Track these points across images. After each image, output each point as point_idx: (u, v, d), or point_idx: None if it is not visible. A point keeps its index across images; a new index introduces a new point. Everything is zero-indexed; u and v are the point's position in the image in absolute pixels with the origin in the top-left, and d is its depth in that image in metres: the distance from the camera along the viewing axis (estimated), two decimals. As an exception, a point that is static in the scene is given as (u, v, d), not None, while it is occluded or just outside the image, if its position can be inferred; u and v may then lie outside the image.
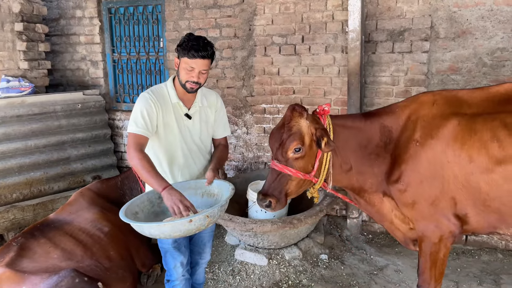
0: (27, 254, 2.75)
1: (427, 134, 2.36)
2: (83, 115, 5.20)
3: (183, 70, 2.49)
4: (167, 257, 2.66)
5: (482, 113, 2.30)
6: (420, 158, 2.36)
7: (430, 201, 2.37)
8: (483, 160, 2.21)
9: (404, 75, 4.14)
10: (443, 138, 2.31)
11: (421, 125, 2.40)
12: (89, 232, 3.09)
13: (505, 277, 3.51)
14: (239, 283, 3.53)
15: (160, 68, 5.44)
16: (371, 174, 2.56)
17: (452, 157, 2.28)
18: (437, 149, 2.32)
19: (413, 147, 2.39)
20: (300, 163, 2.41)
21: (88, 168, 5.19)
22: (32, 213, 4.45)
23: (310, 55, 4.48)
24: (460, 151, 2.26)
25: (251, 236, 3.71)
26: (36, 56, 5.32)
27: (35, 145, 4.69)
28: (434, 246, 2.42)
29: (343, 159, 2.55)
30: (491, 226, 2.35)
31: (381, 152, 2.53)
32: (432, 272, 2.46)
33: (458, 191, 2.30)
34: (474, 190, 2.26)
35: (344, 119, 2.65)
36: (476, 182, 2.24)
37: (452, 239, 2.41)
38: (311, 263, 3.78)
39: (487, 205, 2.27)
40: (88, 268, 2.81)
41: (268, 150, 4.89)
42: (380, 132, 2.55)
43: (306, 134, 2.40)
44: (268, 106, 4.81)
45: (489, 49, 3.82)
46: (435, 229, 2.40)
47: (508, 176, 2.16)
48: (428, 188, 2.36)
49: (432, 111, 2.40)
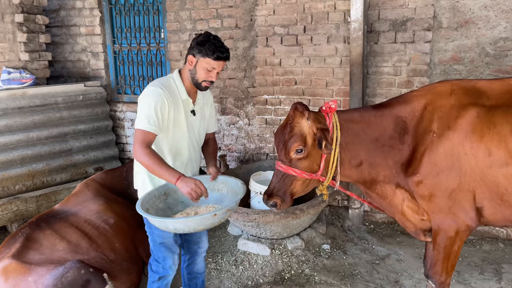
0: (33, 246, 2.76)
1: (445, 125, 2.29)
2: (84, 106, 5.20)
3: (202, 70, 2.47)
4: (165, 252, 2.61)
5: (501, 105, 2.22)
6: (437, 150, 2.30)
7: (447, 194, 2.32)
8: (502, 154, 2.16)
9: (406, 65, 4.13)
10: (461, 129, 2.24)
11: (439, 116, 2.33)
12: (95, 224, 3.10)
13: (506, 266, 3.54)
14: (242, 273, 3.56)
15: (161, 59, 5.42)
16: (384, 166, 2.51)
17: (470, 150, 2.22)
18: (455, 140, 2.25)
19: (430, 138, 2.33)
20: (304, 164, 2.40)
21: (90, 159, 5.20)
22: (35, 204, 4.47)
23: (312, 45, 4.46)
24: (479, 143, 2.20)
25: (254, 226, 3.73)
26: (37, 48, 5.30)
27: (37, 136, 4.70)
28: (450, 239, 2.39)
29: (352, 155, 2.51)
30: (507, 220, 2.31)
31: (395, 143, 2.47)
32: (445, 264, 2.45)
33: (475, 184, 2.25)
34: (492, 184, 2.21)
35: (352, 114, 2.59)
36: (494, 176, 2.19)
37: (468, 233, 2.38)
38: (313, 253, 3.80)
39: (505, 200, 2.22)
40: (94, 261, 2.83)
41: (270, 141, 4.90)
42: (394, 123, 2.48)
43: (308, 135, 2.38)
44: (270, 97, 4.80)
45: (492, 39, 3.80)
46: (452, 222, 2.36)
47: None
48: (445, 181, 2.30)
49: (450, 102, 2.33)
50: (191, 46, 2.50)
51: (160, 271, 2.64)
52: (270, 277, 3.48)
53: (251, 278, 3.48)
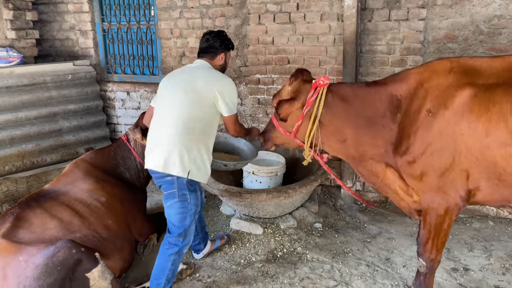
0: (24, 225, 2.74)
1: (441, 104, 2.26)
2: (73, 86, 5.11)
3: (229, 60, 3.10)
4: (193, 226, 2.88)
5: (502, 83, 2.16)
6: (432, 129, 2.28)
7: (440, 173, 2.31)
8: (501, 134, 2.09)
9: (400, 44, 4.09)
10: (458, 109, 2.20)
11: (435, 94, 2.30)
12: (86, 202, 3.08)
13: (495, 243, 3.59)
14: (235, 252, 3.58)
15: (151, 37, 5.32)
16: (373, 145, 2.53)
17: (467, 130, 2.18)
18: (451, 120, 2.22)
19: (425, 117, 2.30)
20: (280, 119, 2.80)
21: (80, 140, 5.14)
22: (26, 185, 4.43)
23: (305, 23, 4.39)
24: (476, 123, 2.15)
25: (247, 206, 3.73)
26: (24, 25, 5.17)
27: (26, 116, 4.62)
28: (440, 217, 2.42)
29: (336, 130, 2.60)
30: (504, 200, 2.29)
31: (387, 123, 2.48)
32: (435, 242, 2.50)
33: (471, 164, 2.22)
34: (489, 164, 2.17)
35: (344, 89, 2.65)
36: (492, 156, 2.14)
37: (458, 212, 2.40)
38: (305, 231, 3.83)
39: (503, 180, 2.18)
40: (86, 239, 2.82)
41: (263, 121, 4.87)
42: (388, 101, 2.48)
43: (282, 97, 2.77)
44: (263, 76, 4.74)
45: (486, 16, 3.76)
46: (442, 201, 2.37)
47: None
48: (438, 160, 2.29)
49: (448, 80, 2.29)
50: (218, 45, 2.95)
51: (179, 243, 2.81)
52: (263, 255, 3.50)
53: (244, 257, 3.50)
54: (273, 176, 3.85)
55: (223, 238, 3.65)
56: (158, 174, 2.74)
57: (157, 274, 2.80)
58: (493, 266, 3.28)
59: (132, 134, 3.54)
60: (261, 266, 3.36)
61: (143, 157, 3.53)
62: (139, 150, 3.56)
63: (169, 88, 2.84)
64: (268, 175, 3.82)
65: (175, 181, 2.70)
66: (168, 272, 2.79)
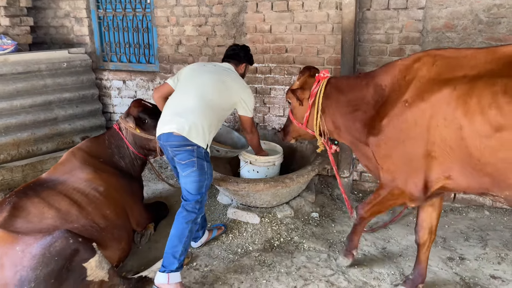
0: (21, 214, 2.72)
1: (419, 96, 2.34)
2: (69, 74, 5.06)
3: (247, 73, 3.62)
4: (206, 196, 3.02)
5: (484, 75, 2.18)
6: (406, 118, 2.38)
7: (404, 160, 2.46)
8: (477, 126, 2.13)
9: (399, 33, 4.06)
10: (435, 102, 2.27)
11: (415, 86, 2.39)
12: (84, 192, 3.06)
13: (491, 233, 3.62)
14: (232, 241, 3.58)
15: (147, 25, 5.26)
16: (357, 130, 2.80)
17: (443, 121, 2.24)
18: (427, 112, 2.30)
19: (402, 106, 2.42)
20: (294, 112, 3.19)
21: (76, 128, 5.11)
22: (21, 174, 4.41)
23: (303, 11, 4.34)
24: (453, 116, 2.20)
25: (244, 195, 3.73)
26: (18, 12, 5.09)
27: (21, 105, 4.58)
28: (390, 194, 2.65)
29: (333, 118, 2.95)
30: (483, 188, 2.32)
31: (369, 109, 2.70)
32: (374, 207, 2.83)
33: (444, 153, 2.29)
34: (464, 155, 2.22)
35: (340, 81, 2.97)
36: (466, 147, 2.19)
37: (408, 200, 2.58)
38: (302, 221, 3.84)
39: (478, 169, 2.22)
40: (83, 228, 2.81)
41: (260, 111, 4.84)
42: (373, 90, 2.69)
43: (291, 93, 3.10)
44: (260, 65, 4.71)
45: (486, 5, 3.73)
46: (399, 183, 2.55)
47: (504, 144, 2.07)
48: (407, 148, 2.41)
49: (430, 73, 2.36)
50: (243, 56, 3.45)
51: (196, 211, 2.92)
52: (260, 244, 3.51)
53: (241, 246, 3.51)
54: (270, 165, 3.84)
55: (220, 228, 3.66)
56: (178, 142, 2.86)
57: (174, 242, 2.86)
58: (488, 255, 3.31)
59: (124, 123, 3.51)
60: (258, 255, 3.37)
61: (135, 146, 3.54)
62: (131, 139, 3.54)
63: (198, 71, 3.18)
64: (266, 164, 3.81)
65: (195, 150, 2.87)
66: (185, 240, 2.87)
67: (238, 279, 3.09)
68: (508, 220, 3.84)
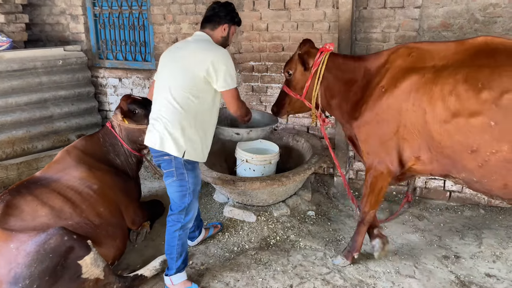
0: (14, 212, 2.70)
1: (393, 83, 2.64)
2: (64, 72, 5.04)
3: (232, 35, 2.96)
4: (195, 202, 2.89)
5: (451, 66, 2.44)
6: (382, 102, 2.68)
7: (381, 141, 2.74)
8: (438, 111, 2.41)
9: (395, 32, 4.06)
10: (406, 88, 2.56)
11: (391, 74, 2.69)
12: (78, 190, 3.04)
13: (486, 231, 3.63)
14: (228, 239, 3.58)
15: (144, 23, 5.24)
16: (345, 109, 3.02)
17: (411, 106, 2.53)
18: (399, 97, 2.59)
19: (379, 91, 2.71)
20: (292, 84, 3.19)
21: (72, 126, 5.08)
22: (16, 172, 4.38)
23: (300, 10, 4.34)
24: (420, 101, 2.49)
25: (240, 193, 3.72)
26: (13, 9, 5.06)
27: (16, 102, 4.56)
28: (375, 178, 2.88)
29: (331, 93, 3.07)
30: (445, 170, 2.61)
31: (358, 91, 2.92)
32: (369, 198, 2.97)
33: (413, 136, 2.59)
34: (428, 138, 2.52)
35: (339, 59, 3.07)
36: (429, 130, 2.48)
37: (390, 176, 2.83)
38: (298, 219, 3.84)
39: (440, 152, 2.51)
40: (78, 226, 2.80)
41: (257, 109, 4.83)
42: (363, 74, 2.93)
43: (296, 62, 3.13)
44: (257, 63, 4.70)
45: (482, 5, 3.74)
46: (378, 164, 2.83)
47: (459, 128, 2.34)
48: (382, 129, 2.70)
49: (405, 63, 2.65)
50: (222, 15, 2.81)
51: (182, 220, 2.84)
52: (256, 242, 3.51)
53: (237, 244, 3.51)
54: (266, 164, 3.84)
55: (216, 227, 3.65)
56: (157, 153, 2.75)
57: (168, 249, 2.90)
58: (483, 254, 3.32)
59: (115, 118, 3.49)
60: (254, 253, 3.36)
61: (129, 143, 3.51)
62: (124, 135, 3.51)
63: (164, 63, 2.82)
64: (262, 163, 3.81)
65: (173, 160, 2.71)
66: (176, 247, 2.86)
67: (234, 277, 3.09)
68: (503, 218, 3.85)
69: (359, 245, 3.15)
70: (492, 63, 2.28)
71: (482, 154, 2.31)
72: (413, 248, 3.40)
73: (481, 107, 2.24)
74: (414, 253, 3.34)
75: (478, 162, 2.35)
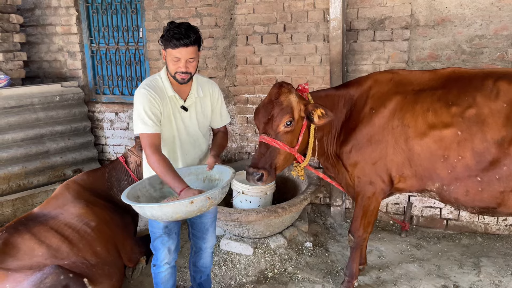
0: (11, 252, 2.68)
1: (381, 104, 2.81)
2: (61, 107, 5.09)
3: (170, 62, 2.42)
4: (157, 242, 2.67)
5: (427, 89, 2.76)
6: (373, 123, 2.81)
7: (372, 162, 2.83)
8: (419, 125, 2.67)
9: (385, 63, 4.17)
10: (392, 108, 2.77)
11: (377, 97, 2.86)
12: (75, 228, 3.03)
13: (484, 259, 3.61)
14: (225, 273, 3.54)
15: (140, 58, 5.35)
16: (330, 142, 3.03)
17: (397, 123, 2.74)
18: (388, 116, 2.77)
19: (368, 113, 2.84)
20: (288, 137, 2.69)
21: (68, 161, 5.09)
22: (12, 208, 4.36)
23: (292, 44, 4.47)
24: (403, 119, 2.72)
25: (236, 226, 3.71)
26: (11, 48, 5.16)
27: (13, 138, 4.58)
28: (368, 200, 2.92)
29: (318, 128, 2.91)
30: (422, 184, 2.77)
31: (341, 116, 2.99)
32: (362, 221, 3.00)
33: (397, 154, 2.76)
34: (410, 153, 2.72)
35: (319, 93, 3.06)
36: (412, 145, 2.69)
37: (382, 195, 2.92)
38: (296, 251, 3.81)
39: (419, 164, 2.71)
40: (74, 265, 2.77)
41: (252, 140, 4.88)
42: (345, 100, 3.00)
43: (295, 109, 2.68)
44: (251, 96, 4.79)
45: (468, 37, 3.87)
46: (370, 186, 2.88)
47: (435, 138, 2.61)
48: (373, 151, 2.81)
49: (388, 87, 2.87)
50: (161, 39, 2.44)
51: (154, 259, 2.73)
52: (253, 276, 3.47)
53: (234, 278, 3.47)
54: (263, 195, 3.84)
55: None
56: None
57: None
58: (482, 282, 3.30)
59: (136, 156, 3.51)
60: (252, 287, 3.32)
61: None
62: (140, 173, 3.50)
63: None
64: (258, 194, 3.82)
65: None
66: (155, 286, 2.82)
67: (231, 312, 3.04)
68: (500, 246, 3.85)
69: (356, 271, 3.19)
70: (458, 86, 2.67)
71: (451, 161, 2.60)
72: (412, 279, 3.38)
73: (451, 119, 2.59)
74: (413, 283, 3.31)
75: (448, 169, 2.62)
